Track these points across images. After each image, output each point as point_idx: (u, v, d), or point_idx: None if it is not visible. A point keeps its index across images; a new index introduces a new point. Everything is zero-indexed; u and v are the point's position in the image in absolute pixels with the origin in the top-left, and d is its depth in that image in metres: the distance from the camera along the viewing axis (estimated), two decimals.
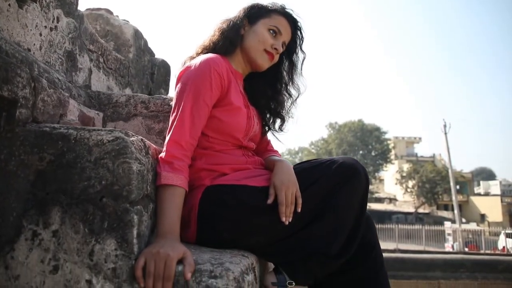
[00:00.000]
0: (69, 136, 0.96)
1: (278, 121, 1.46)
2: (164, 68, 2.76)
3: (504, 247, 17.20)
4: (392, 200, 40.27)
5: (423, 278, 10.60)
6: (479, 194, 38.11)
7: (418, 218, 30.29)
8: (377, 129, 37.43)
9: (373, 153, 36.98)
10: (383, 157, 36.84)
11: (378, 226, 22.66)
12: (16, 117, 0.99)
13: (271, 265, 1.32)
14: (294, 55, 1.40)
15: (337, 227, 1.13)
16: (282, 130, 1.48)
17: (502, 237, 18.32)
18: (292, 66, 1.42)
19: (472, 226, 22.75)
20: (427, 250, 16.45)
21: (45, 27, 1.31)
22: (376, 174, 38.67)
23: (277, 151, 1.47)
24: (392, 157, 37.98)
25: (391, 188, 40.36)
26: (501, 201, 31.95)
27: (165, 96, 1.56)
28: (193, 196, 1.14)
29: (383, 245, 17.50)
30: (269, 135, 1.51)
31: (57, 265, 0.88)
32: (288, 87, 1.44)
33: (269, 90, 1.43)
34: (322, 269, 1.14)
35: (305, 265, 1.12)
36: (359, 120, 37.73)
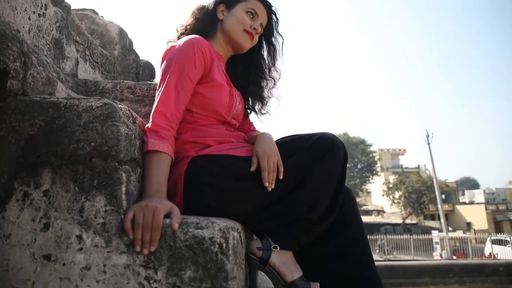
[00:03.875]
0: (59, 104, 1.01)
1: (260, 104, 1.53)
2: (149, 69, 2.82)
3: (490, 253, 17.42)
4: (380, 212, 40.50)
5: (413, 285, 10.69)
6: (464, 203, 38.67)
7: (406, 228, 30.47)
8: (362, 141, 37.93)
9: (359, 166, 37.35)
10: (369, 169, 37.23)
11: (368, 238, 22.65)
12: (8, 88, 1.03)
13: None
14: (273, 38, 1.48)
15: (318, 194, 1.18)
16: (264, 113, 1.55)
17: (488, 243, 18.57)
18: (273, 49, 1.49)
19: (459, 234, 23.02)
20: (416, 259, 16.51)
21: (34, 12, 1.37)
22: (363, 186, 38.96)
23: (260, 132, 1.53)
24: (378, 169, 38.41)
25: (379, 200, 40.65)
26: (486, 209, 32.46)
27: (150, 82, 1.61)
28: (179, 168, 1.19)
29: (373, 256, 17.53)
30: (254, 119, 1.57)
31: (48, 223, 0.91)
32: (271, 70, 1.52)
33: (250, 73, 1.50)
34: (305, 234, 1.19)
35: (288, 230, 1.17)
36: (344, 133, 38.21)
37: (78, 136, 0.96)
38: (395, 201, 33.14)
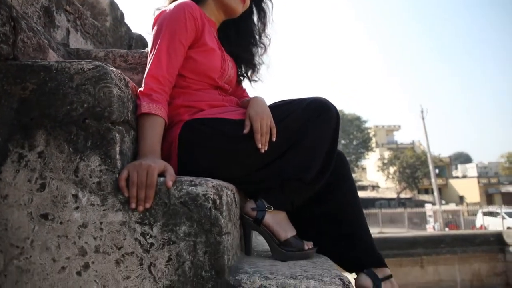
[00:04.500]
0: (51, 67, 1.00)
1: (252, 70, 1.53)
2: (141, 42, 2.79)
3: (481, 225, 17.82)
4: (375, 187, 41.01)
5: (407, 256, 10.98)
6: (457, 177, 39.23)
7: (400, 203, 30.96)
8: (358, 118, 37.96)
9: (354, 142, 37.51)
10: (365, 145, 37.43)
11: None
12: None
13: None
14: (263, 3, 1.47)
15: (311, 156, 1.20)
16: (256, 80, 1.55)
17: (479, 215, 18.97)
18: (263, 14, 1.48)
19: (451, 206, 23.45)
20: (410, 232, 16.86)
21: None
22: (359, 163, 39.26)
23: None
24: (373, 145, 38.63)
25: (374, 175, 41.09)
26: (478, 183, 32.99)
27: (142, 50, 1.60)
28: (172, 131, 1.20)
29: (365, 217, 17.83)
30: (247, 86, 1.57)
31: (44, 183, 0.93)
32: (262, 36, 1.51)
33: (241, 39, 1.49)
34: (298, 195, 1.22)
35: (282, 191, 1.20)
36: (340, 110, 38.14)
37: (70, 98, 0.97)
38: (390, 176, 33.53)
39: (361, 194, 36.18)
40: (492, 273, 11.19)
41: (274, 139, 1.17)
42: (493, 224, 16.60)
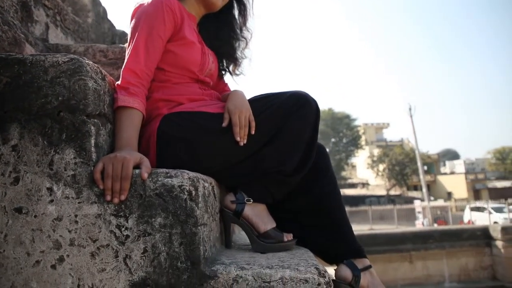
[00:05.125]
0: (25, 60, 0.99)
1: (233, 64, 1.53)
2: (126, 39, 2.77)
3: (469, 220, 18.09)
4: (365, 184, 41.35)
5: (396, 251, 11.10)
6: (445, 174, 39.75)
7: (390, 200, 31.23)
8: (347, 116, 38.22)
9: (344, 140, 37.78)
10: (354, 143, 37.72)
11: (352, 209, 23.25)
12: None
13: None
14: None
15: (291, 148, 1.21)
16: (238, 74, 1.55)
17: (467, 211, 19.26)
18: (243, 8, 1.48)
19: (440, 202, 23.75)
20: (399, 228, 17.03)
21: None
22: (349, 160, 39.54)
23: None
24: (363, 143, 38.93)
25: (363, 173, 41.41)
26: (466, 179, 33.49)
27: (122, 45, 1.60)
28: (151, 125, 1.20)
29: (358, 227, 18.03)
30: (229, 81, 1.58)
31: (18, 177, 0.92)
32: (243, 29, 1.51)
33: (222, 34, 1.49)
34: (278, 187, 1.22)
35: (262, 183, 1.20)
36: (329, 108, 38.38)
37: (45, 91, 0.96)
38: (379, 173, 33.84)
39: (351, 191, 36.48)
40: (479, 267, 11.38)
41: (253, 132, 1.18)
42: (481, 219, 16.88)
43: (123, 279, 0.86)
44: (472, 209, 19.19)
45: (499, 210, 17.89)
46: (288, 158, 1.20)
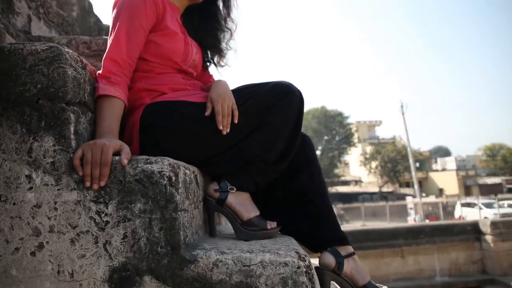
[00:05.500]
0: (3, 49, 0.99)
1: (218, 56, 1.53)
2: None
3: (460, 216, 18.28)
4: (357, 182, 41.60)
5: (388, 247, 11.18)
6: (436, 171, 40.13)
7: (382, 196, 31.49)
8: (340, 114, 38.35)
9: (337, 138, 37.92)
10: (347, 141, 37.87)
11: (345, 206, 23.38)
12: None
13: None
14: None
15: (274, 137, 1.21)
16: (223, 65, 1.55)
17: (458, 207, 19.46)
18: None
19: (431, 199, 23.97)
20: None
21: None
22: (341, 158, 39.71)
23: None
24: (356, 140, 39.11)
25: (356, 170, 41.63)
26: (457, 175, 33.84)
27: (106, 37, 1.59)
28: (134, 115, 1.20)
29: (351, 224, 18.14)
30: (215, 73, 1.57)
31: None
32: (227, 20, 1.51)
33: (206, 25, 1.49)
34: (261, 176, 1.23)
35: (245, 172, 1.21)
36: (322, 106, 38.50)
37: (23, 79, 0.95)
38: (372, 170, 34.05)
39: (344, 188, 36.67)
40: (469, 261, 11.52)
41: (236, 121, 1.18)
42: (471, 215, 17.06)
43: (103, 264, 0.86)
44: (463, 205, 19.39)
45: (489, 205, 18.11)
46: (272, 146, 1.20)
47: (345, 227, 13.31)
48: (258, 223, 1.17)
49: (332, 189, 35.30)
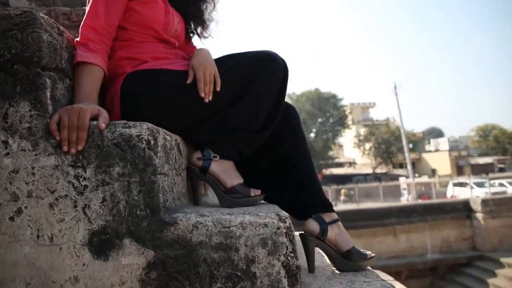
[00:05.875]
0: None
1: (201, 27, 1.51)
2: None
3: (452, 195, 18.55)
4: (351, 164, 41.88)
5: (380, 226, 11.37)
6: (429, 151, 40.47)
7: (376, 177, 31.77)
8: (334, 96, 38.24)
9: (331, 120, 37.91)
10: (341, 123, 37.88)
11: (339, 187, 23.59)
12: None
13: None
14: None
15: (257, 105, 1.20)
16: (206, 36, 1.53)
17: (450, 186, 19.73)
18: None
19: (424, 179, 24.25)
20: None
21: None
22: (336, 140, 39.83)
23: None
24: (350, 122, 39.15)
25: (350, 152, 41.86)
26: (449, 156, 34.18)
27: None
28: (115, 84, 1.18)
29: (345, 205, 18.33)
30: (199, 45, 1.55)
31: None
32: None
33: None
34: (245, 144, 1.22)
35: (229, 140, 1.20)
36: (316, 89, 38.34)
37: None
38: (366, 152, 34.26)
39: (339, 170, 36.92)
40: (460, 238, 11.77)
41: (218, 89, 1.17)
42: (463, 194, 17.32)
43: (82, 228, 0.86)
44: (455, 184, 19.66)
45: (480, 185, 18.37)
46: (255, 115, 1.20)
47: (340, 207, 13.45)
48: (241, 191, 1.17)
49: (327, 171, 35.55)
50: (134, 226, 0.86)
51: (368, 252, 1.28)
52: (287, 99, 1.32)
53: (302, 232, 1.26)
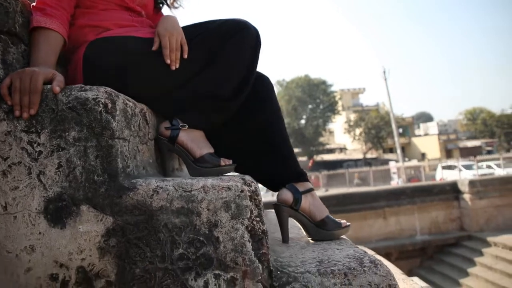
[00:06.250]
0: None
1: None
2: None
3: (441, 178, 18.79)
4: (342, 149, 42.14)
5: (370, 209, 11.49)
6: (419, 136, 40.85)
7: (367, 163, 32.01)
8: (323, 82, 38.21)
9: (321, 106, 37.95)
10: (331, 109, 37.95)
11: (330, 172, 23.74)
12: None
13: None
14: None
15: (227, 72, 1.17)
16: (176, 6, 1.48)
17: (439, 169, 19.97)
18: None
19: (414, 163, 24.51)
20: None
21: None
22: (326, 126, 39.96)
23: None
24: (340, 108, 39.24)
25: (341, 138, 42.09)
26: (438, 140, 34.54)
27: None
28: (77, 52, 1.13)
29: (335, 190, 18.47)
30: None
31: None
32: None
33: None
34: (215, 113, 1.19)
35: (198, 109, 1.17)
36: (306, 75, 38.24)
37: None
38: (356, 137, 34.45)
39: (329, 156, 37.12)
40: (448, 220, 11.95)
41: (185, 56, 1.13)
42: (452, 177, 17.52)
43: (37, 195, 0.82)
44: (444, 167, 19.90)
45: (468, 167, 18.63)
46: (226, 82, 1.16)
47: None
48: (210, 160, 1.14)
49: (318, 157, 35.74)
50: (92, 192, 0.82)
51: (343, 221, 1.26)
52: (276, 86, 1.29)
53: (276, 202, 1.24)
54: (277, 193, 1.27)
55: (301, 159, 36.91)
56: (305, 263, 0.93)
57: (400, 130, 34.11)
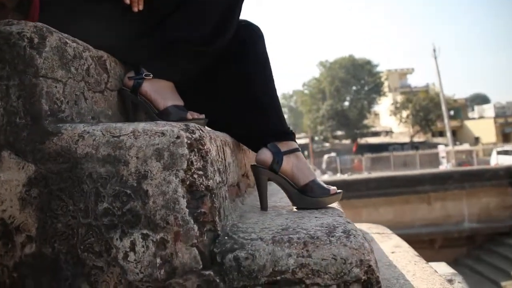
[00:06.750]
0: None
1: None
2: None
3: (496, 163, 17.51)
4: (388, 132, 40.59)
5: (414, 193, 10.93)
6: (473, 119, 38.25)
7: (414, 146, 30.62)
8: (368, 62, 36.70)
9: (366, 88, 36.57)
10: (377, 90, 36.46)
11: (373, 155, 23.01)
12: None
13: None
14: None
15: (201, 14, 1.03)
16: None
17: (494, 154, 18.63)
18: None
19: (465, 146, 23.06)
20: None
21: None
22: (371, 109, 38.54)
23: None
24: (386, 89, 37.58)
25: (387, 121, 40.44)
26: (495, 123, 32.14)
27: None
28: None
29: (380, 174, 17.85)
30: None
31: None
32: None
33: None
34: (186, 60, 1.06)
35: (168, 56, 1.04)
36: (350, 55, 36.89)
37: None
38: (403, 120, 32.95)
39: (375, 139, 35.94)
40: (500, 207, 11.08)
41: None
42: (508, 162, 16.27)
43: None
44: (499, 152, 18.53)
45: None
46: (197, 25, 1.03)
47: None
48: (175, 113, 1.01)
49: (362, 140, 34.69)
50: (13, 137, 0.73)
51: (332, 188, 1.09)
52: (319, 67, 1.13)
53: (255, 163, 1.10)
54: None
55: (345, 141, 36.05)
56: (264, 230, 0.79)
57: (452, 113, 32.19)
